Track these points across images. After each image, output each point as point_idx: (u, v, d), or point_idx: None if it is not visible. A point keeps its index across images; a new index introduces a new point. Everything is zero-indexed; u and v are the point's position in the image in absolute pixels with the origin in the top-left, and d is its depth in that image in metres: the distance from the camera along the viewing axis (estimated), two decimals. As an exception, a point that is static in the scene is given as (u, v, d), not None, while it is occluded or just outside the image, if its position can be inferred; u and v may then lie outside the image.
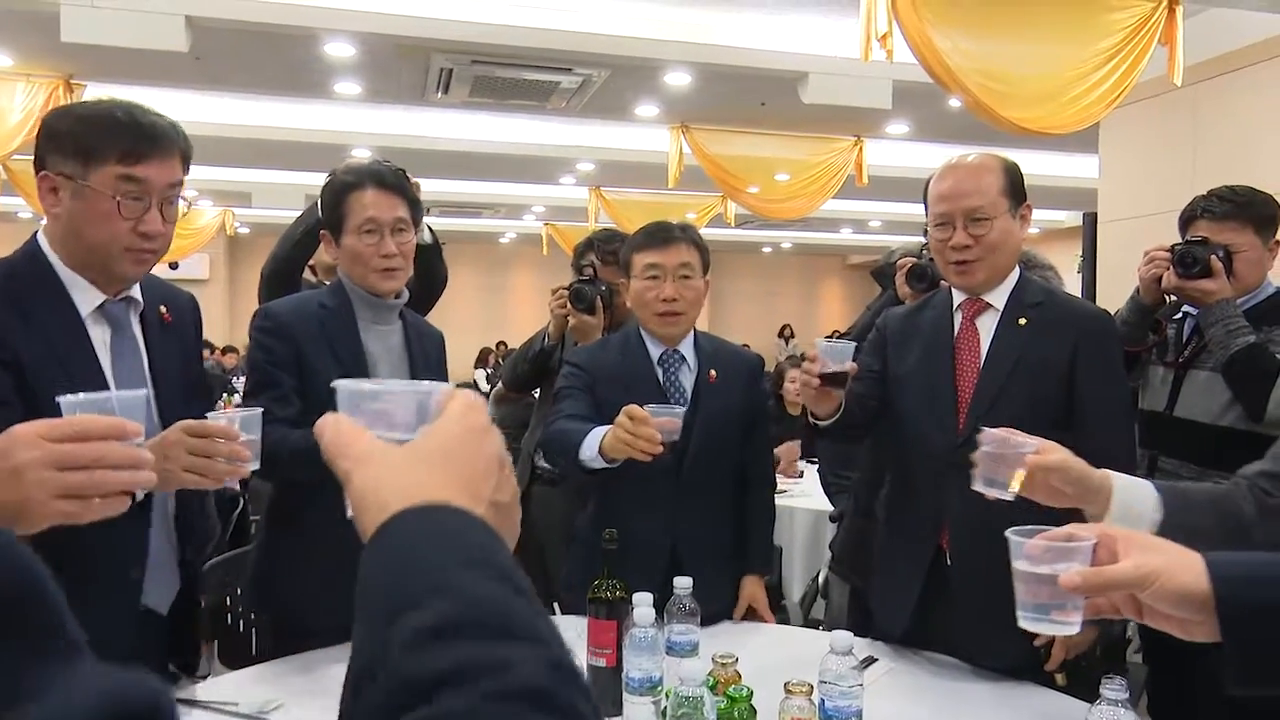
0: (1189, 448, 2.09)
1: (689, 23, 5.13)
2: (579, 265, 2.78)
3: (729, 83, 5.69)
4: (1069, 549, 0.91)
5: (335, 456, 0.56)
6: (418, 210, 1.93)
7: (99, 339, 1.45)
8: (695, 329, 2.06)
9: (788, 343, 15.31)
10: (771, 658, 1.66)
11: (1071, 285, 3.34)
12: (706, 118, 6.68)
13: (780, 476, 3.94)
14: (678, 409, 1.71)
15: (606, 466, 1.71)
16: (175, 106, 6.96)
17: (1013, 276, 1.82)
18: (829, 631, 2.16)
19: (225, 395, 6.01)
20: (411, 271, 1.91)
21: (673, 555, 1.88)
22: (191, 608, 1.65)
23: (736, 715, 1.32)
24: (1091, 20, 3.99)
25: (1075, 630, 0.96)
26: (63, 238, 1.43)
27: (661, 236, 2.00)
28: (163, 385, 1.51)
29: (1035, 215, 1.88)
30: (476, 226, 13.07)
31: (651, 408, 1.65)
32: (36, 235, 1.47)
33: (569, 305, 2.62)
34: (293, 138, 7.09)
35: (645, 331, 2.02)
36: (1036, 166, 7.09)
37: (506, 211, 11.78)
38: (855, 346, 1.74)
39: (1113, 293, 4.72)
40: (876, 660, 1.76)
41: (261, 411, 1.42)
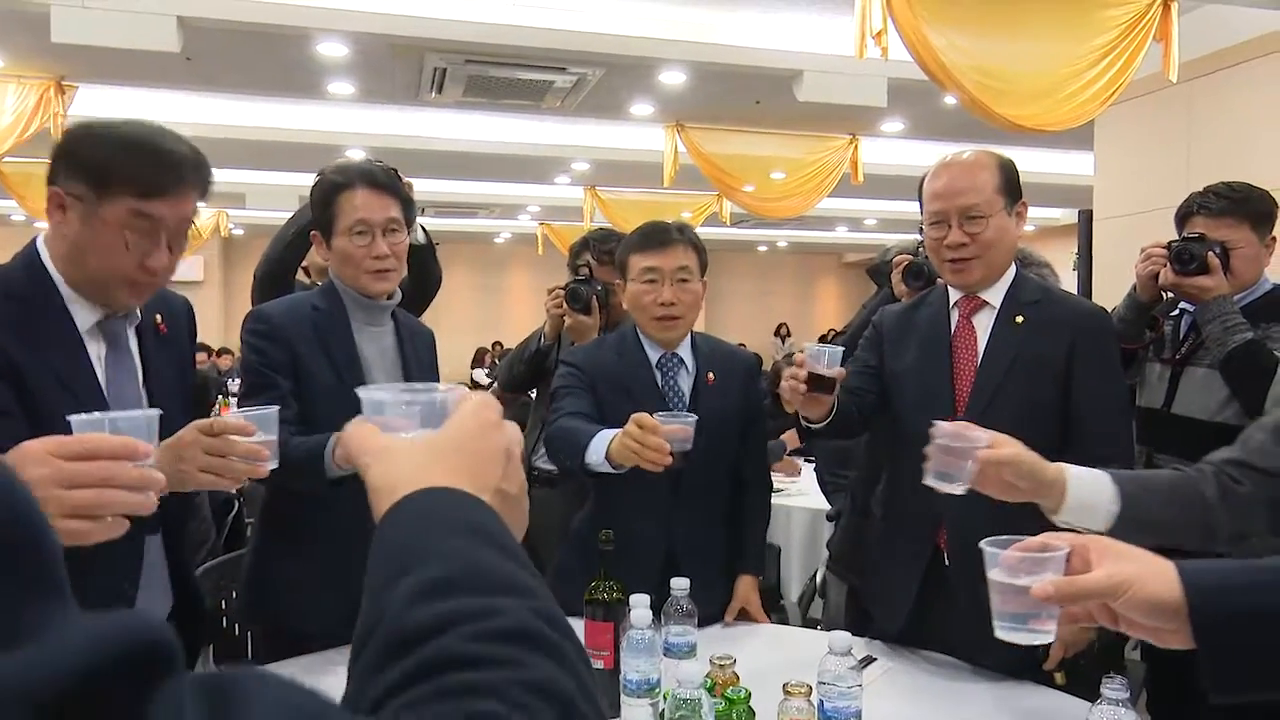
0: (1186, 445, 2.09)
1: (683, 21, 5.13)
2: (575, 265, 2.78)
3: (724, 81, 5.68)
4: (1043, 559, 0.92)
5: (356, 454, 0.61)
6: (410, 210, 1.91)
7: (94, 353, 1.42)
8: (692, 330, 2.04)
9: (784, 341, 15.31)
10: (770, 658, 1.66)
11: (1067, 283, 3.34)
12: (701, 116, 6.67)
13: (779, 475, 3.94)
14: (689, 417, 1.66)
15: (612, 471, 1.67)
16: (167, 107, 6.96)
17: (1009, 274, 1.81)
18: (827, 631, 2.16)
19: (221, 398, 5.99)
20: (405, 272, 1.90)
21: (670, 556, 1.87)
22: (191, 616, 1.62)
23: (735, 717, 1.32)
24: (1086, 17, 3.99)
25: (1050, 639, 0.96)
26: (65, 256, 1.39)
27: (659, 239, 1.96)
28: (157, 398, 1.49)
29: (1030, 213, 1.87)
30: (471, 227, 13.05)
31: (661, 416, 1.61)
32: (36, 244, 1.42)
33: (565, 305, 2.62)
34: (286, 138, 7.06)
35: (642, 334, 1.99)
36: (1031, 164, 7.08)
37: (501, 211, 11.76)
38: (844, 352, 1.71)
39: (1108, 290, 4.72)
40: (875, 660, 1.75)
41: (277, 409, 1.40)
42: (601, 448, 1.66)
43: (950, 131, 6.37)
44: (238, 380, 3.20)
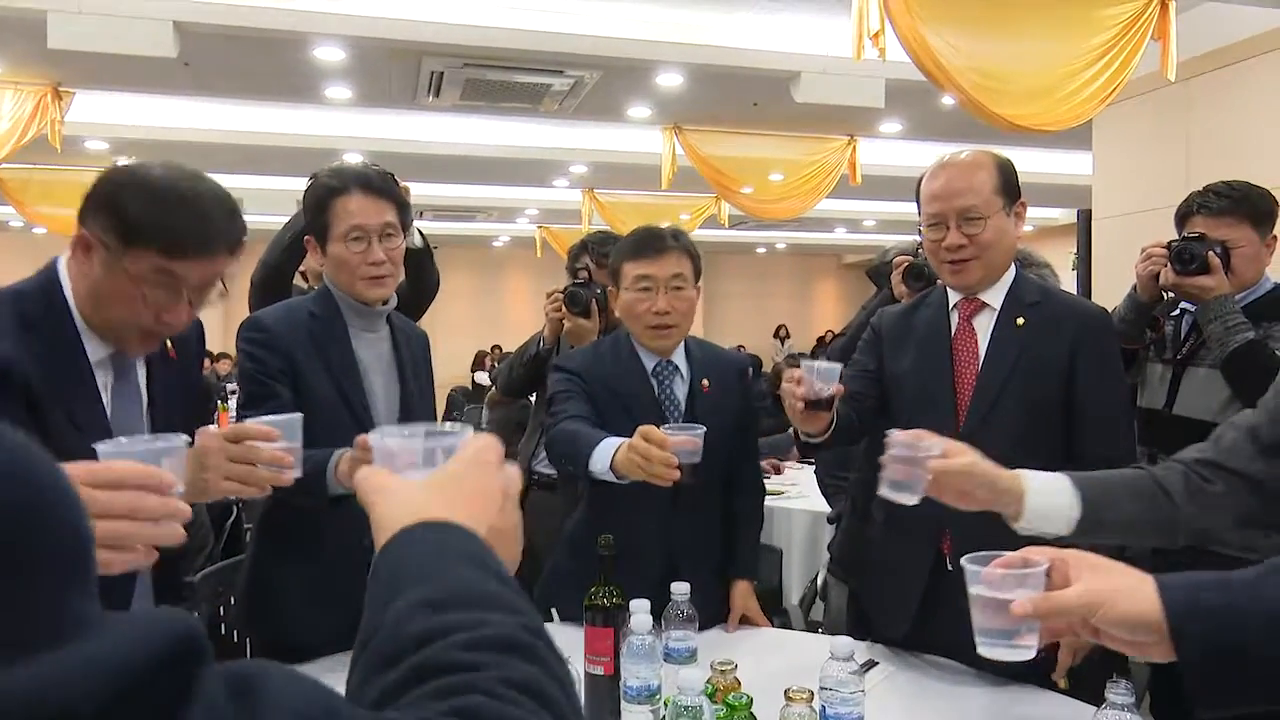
0: (1188, 445, 2.08)
1: (680, 23, 5.12)
2: (574, 268, 2.77)
3: (721, 83, 5.68)
4: (1023, 575, 0.92)
5: (363, 494, 0.65)
6: (406, 213, 1.88)
7: (102, 383, 1.40)
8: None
9: (783, 343, 15.31)
10: (771, 664, 1.64)
11: (1066, 283, 3.33)
12: (699, 118, 6.67)
13: (780, 477, 3.93)
14: (697, 429, 1.59)
15: (617, 482, 1.63)
16: (164, 113, 6.94)
17: (1009, 275, 1.80)
18: (828, 634, 2.14)
19: (220, 403, 5.96)
20: (401, 276, 1.88)
21: (669, 561, 1.86)
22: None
23: (736, 723, 1.30)
24: (1084, 16, 3.99)
25: (1032, 655, 0.96)
26: (85, 295, 1.35)
27: (653, 246, 1.92)
28: (160, 428, 1.45)
29: (1029, 213, 1.86)
30: (470, 230, 13.05)
31: (669, 428, 1.57)
32: (57, 268, 1.38)
33: (564, 309, 2.61)
34: (284, 143, 7.06)
35: (636, 342, 1.96)
36: (1030, 164, 7.08)
37: (500, 215, 11.76)
38: (844, 350, 1.70)
39: (1108, 289, 4.71)
40: (877, 664, 1.74)
41: (301, 416, 1.38)
42: (606, 457, 1.62)
43: (948, 132, 6.36)
44: (235, 384, 3.19)
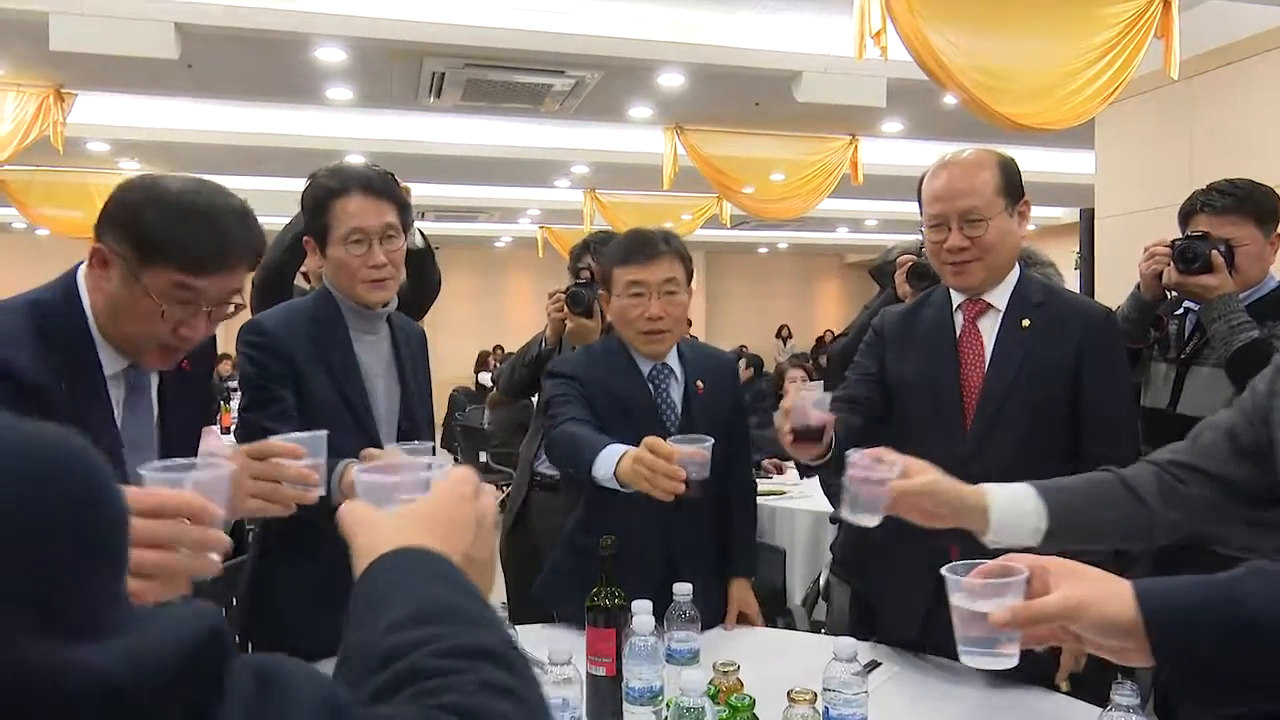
0: None
1: (681, 23, 5.11)
2: (575, 268, 2.76)
3: (722, 83, 5.67)
4: (1003, 584, 0.93)
5: (345, 527, 0.70)
6: (407, 214, 1.86)
7: (115, 397, 1.39)
8: None
9: (785, 343, 15.30)
10: (773, 665, 1.64)
11: (1069, 282, 3.32)
12: (700, 118, 6.66)
13: (782, 478, 3.92)
14: (705, 441, 1.55)
15: (620, 490, 1.60)
16: (166, 114, 6.95)
17: (1013, 275, 1.78)
18: (831, 634, 2.13)
19: (223, 404, 5.97)
20: (403, 277, 1.87)
21: (670, 561, 1.85)
22: None
23: (739, 725, 1.30)
24: (1087, 15, 3.98)
25: (1014, 663, 0.96)
26: (103, 310, 1.34)
27: (645, 251, 1.90)
28: (171, 441, 1.46)
29: (1032, 212, 1.85)
30: (471, 231, 13.05)
31: (677, 439, 1.54)
32: (76, 278, 1.36)
33: (566, 308, 2.60)
34: (285, 144, 7.06)
35: (631, 346, 1.95)
36: (1032, 163, 7.05)
37: (501, 215, 11.75)
38: (830, 396, 1.59)
39: (1111, 288, 4.70)
40: (880, 664, 1.73)
41: (326, 433, 1.37)
42: (610, 464, 1.59)
43: (950, 131, 6.35)
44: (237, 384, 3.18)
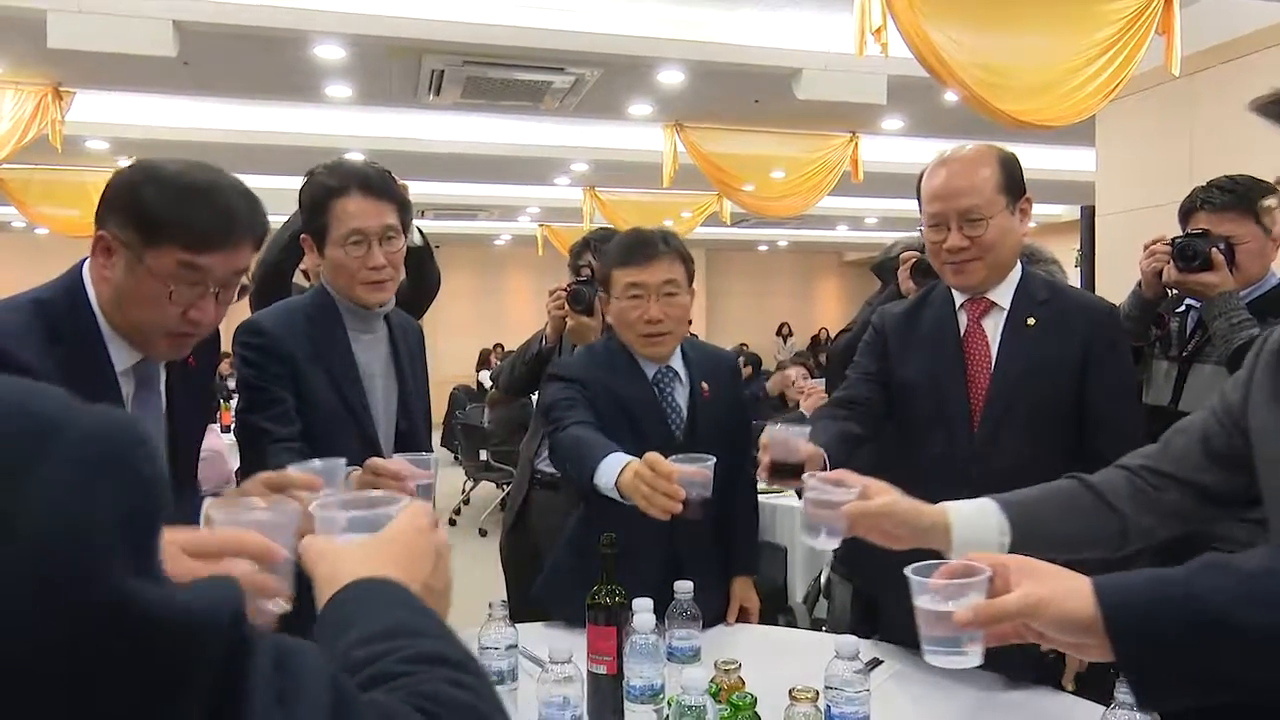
0: None
1: (681, 20, 5.11)
2: (576, 266, 2.75)
3: (723, 80, 5.66)
4: (966, 584, 0.94)
5: (307, 560, 0.72)
6: (407, 212, 1.84)
7: (125, 392, 1.38)
8: None
9: (785, 341, 15.30)
10: (775, 663, 1.63)
11: (1071, 280, 3.31)
12: (700, 116, 6.65)
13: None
14: (708, 460, 1.51)
15: (620, 501, 1.57)
16: (164, 112, 6.93)
17: (1016, 272, 1.76)
18: (832, 632, 2.13)
19: (223, 402, 5.96)
20: (402, 277, 1.85)
21: (671, 560, 1.84)
22: None
23: (741, 723, 1.29)
24: (1088, 11, 3.97)
25: (978, 662, 0.97)
26: (109, 301, 1.32)
27: (644, 253, 1.86)
28: (179, 437, 1.46)
29: (1032, 210, 1.83)
30: (471, 229, 13.04)
31: (680, 458, 1.50)
32: (82, 274, 1.34)
33: (566, 307, 2.59)
34: (284, 142, 7.05)
35: (633, 349, 1.91)
36: (1033, 160, 7.04)
37: (501, 213, 11.74)
38: (809, 429, 1.55)
39: (1112, 285, 4.69)
40: (882, 662, 1.72)
41: (344, 462, 1.37)
42: (612, 473, 1.56)
43: (951, 128, 6.34)
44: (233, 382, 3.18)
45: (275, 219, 2.40)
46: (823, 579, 3.10)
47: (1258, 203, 2.10)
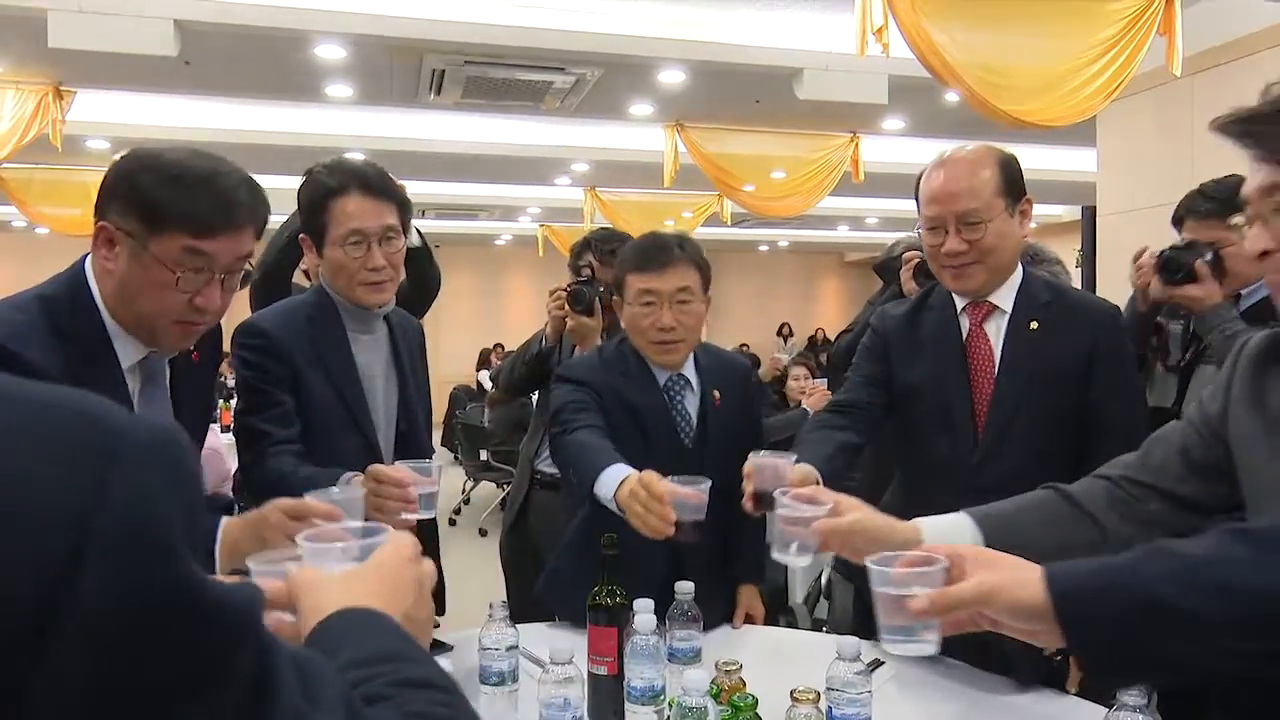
0: None
1: (682, 20, 5.10)
2: (576, 266, 2.74)
3: (723, 80, 5.66)
4: (923, 573, 0.97)
5: (294, 590, 0.73)
6: (407, 213, 1.83)
7: (131, 388, 1.37)
8: None
9: (786, 341, 15.30)
10: (776, 664, 1.63)
11: (1072, 280, 3.30)
12: (701, 116, 6.64)
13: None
14: (703, 483, 1.49)
15: (618, 513, 1.55)
16: (165, 112, 6.93)
17: (1017, 275, 1.74)
18: (833, 633, 2.12)
19: (223, 402, 5.96)
20: (402, 276, 1.85)
21: (673, 562, 1.83)
22: None
23: (742, 725, 1.29)
24: (1089, 11, 3.97)
25: (934, 650, 0.99)
26: (113, 294, 1.31)
27: (658, 259, 1.82)
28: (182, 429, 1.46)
29: (1033, 210, 1.81)
30: (472, 229, 13.04)
31: (675, 481, 1.47)
32: (84, 269, 1.33)
33: (567, 307, 2.59)
34: (285, 142, 7.04)
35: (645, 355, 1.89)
36: (1034, 160, 7.03)
37: (502, 213, 11.74)
38: (795, 457, 1.54)
39: (1113, 286, 4.68)
40: (883, 664, 1.72)
41: (364, 493, 1.37)
42: (611, 485, 1.55)
43: (952, 129, 6.34)
44: (232, 380, 3.16)
45: (276, 219, 2.40)
46: (824, 579, 3.09)
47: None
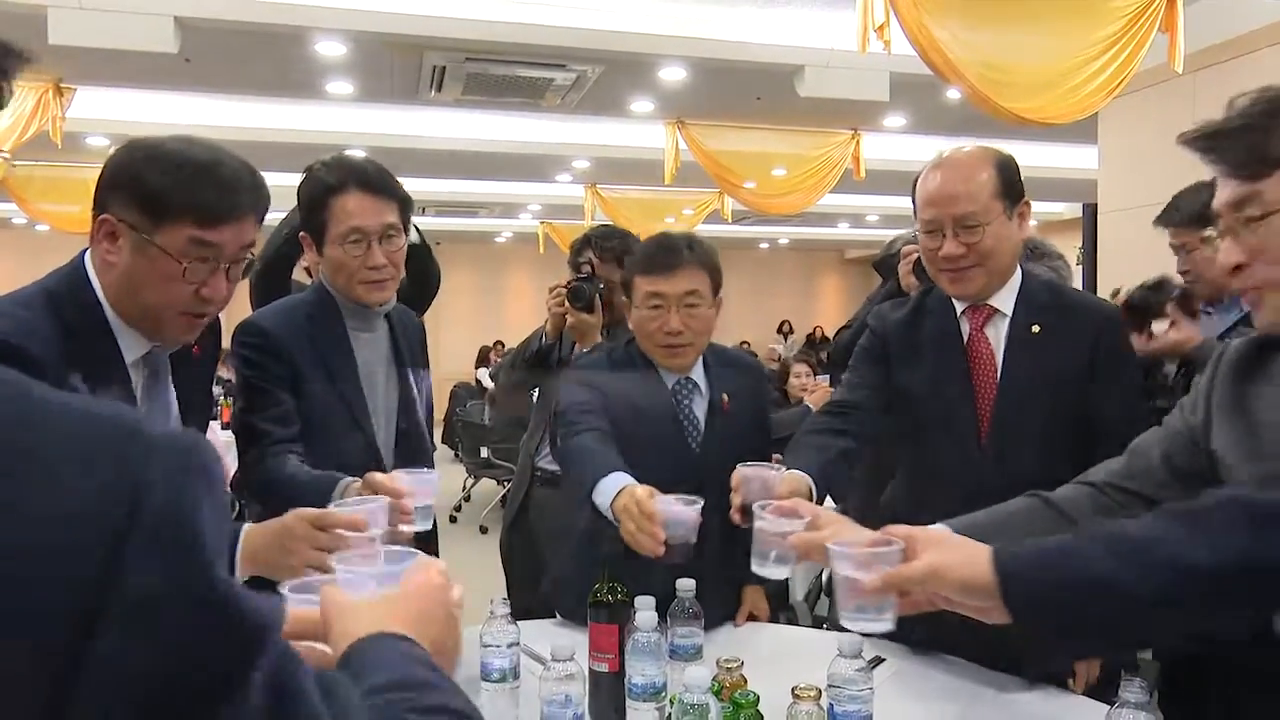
0: None
1: (683, 17, 5.10)
2: (576, 262, 2.74)
3: (725, 77, 5.65)
4: (879, 554, 1.02)
5: (325, 613, 0.75)
6: (408, 210, 1.81)
7: (135, 383, 1.36)
8: None
9: (786, 339, 15.30)
10: (777, 661, 1.63)
11: (1074, 277, 3.30)
12: (702, 113, 6.64)
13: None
14: (697, 502, 1.48)
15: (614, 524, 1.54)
16: (165, 109, 6.94)
17: (1016, 277, 1.72)
18: (834, 630, 2.11)
19: (223, 398, 5.95)
20: (403, 274, 1.84)
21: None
22: None
23: (743, 722, 1.29)
24: (1091, 8, 3.96)
25: (891, 627, 1.04)
26: (116, 287, 1.30)
27: (667, 262, 1.79)
28: (185, 424, 1.45)
29: (1034, 207, 1.78)
30: (472, 226, 13.03)
31: (672, 499, 1.47)
32: (84, 265, 1.31)
33: (567, 303, 2.58)
34: (285, 139, 7.03)
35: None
36: (1035, 158, 7.05)
37: (502, 210, 11.74)
38: (784, 472, 1.55)
39: (1114, 284, 4.68)
40: (884, 660, 1.72)
41: (387, 501, 1.36)
42: (609, 494, 1.53)
43: (953, 126, 6.34)
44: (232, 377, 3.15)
45: (276, 216, 2.39)
46: (824, 577, 3.09)
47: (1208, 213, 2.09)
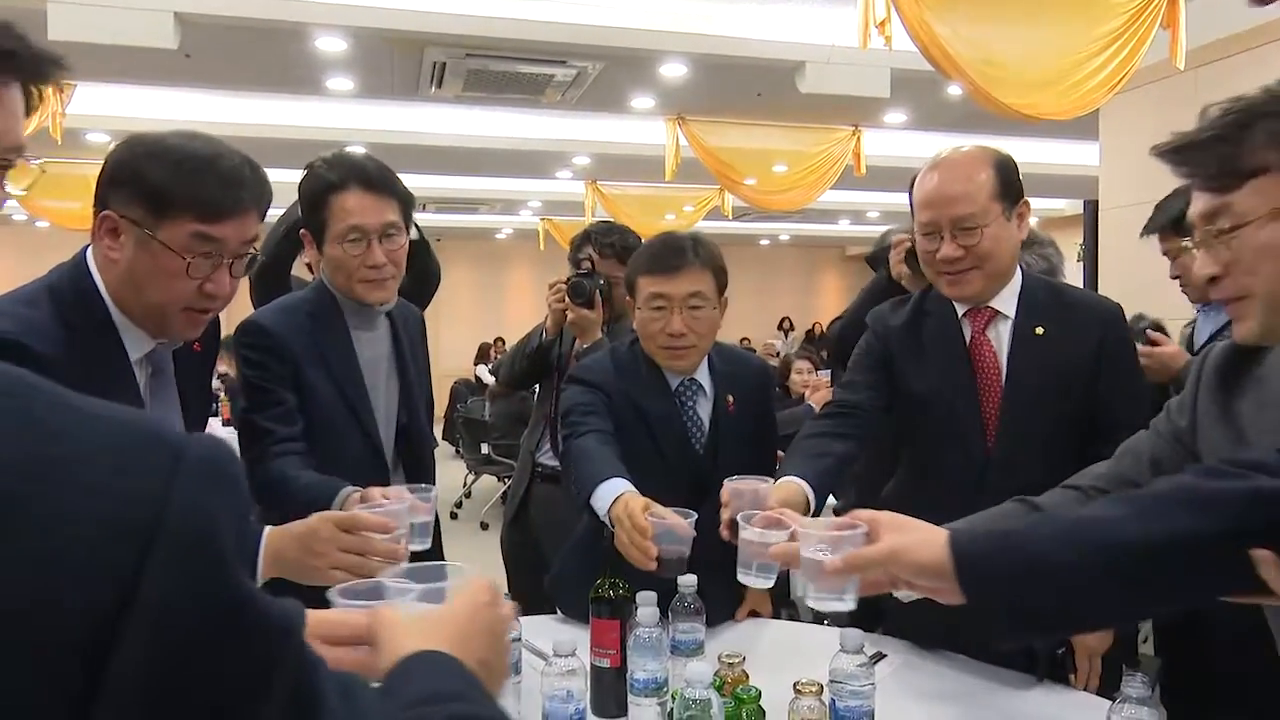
0: None
1: (684, 13, 5.09)
2: (576, 259, 2.73)
3: (725, 73, 5.65)
4: (842, 537, 1.06)
5: (374, 628, 0.77)
6: (409, 208, 1.79)
7: (140, 381, 1.36)
8: None
9: (787, 335, 15.30)
10: (779, 656, 1.63)
11: (1073, 274, 3.30)
12: (703, 109, 6.64)
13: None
14: (691, 515, 1.48)
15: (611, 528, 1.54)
16: (165, 105, 6.93)
17: (1016, 278, 1.72)
18: (835, 626, 2.12)
19: (223, 397, 5.96)
20: (404, 272, 1.84)
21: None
22: None
23: (745, 716, 1.29)
24: (1093, 4, 3.95)
25: (851, 607, 1.08)
26: (118, 284, 1.29)
27: (669, 263, 1.76)
28: (189, 421, 1.46)
29: (1035, 204, 1.78)
30: (472, 222, 13.03)
31: (668, 513, 1.46)
32: (86, 262, 1.31)
33: (567, 299, 2.58)
34: (285, 135, 7.03)
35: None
36: (1036, 154, 7.05)
37: (502, 207, 11.73)
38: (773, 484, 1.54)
39: (1114, 280, 4.68)
40: (885, 656, 1.72)
41: (409, 504, 1.37)
42: (607, 500, 1.53)
43: (954, 123, 6.34)
44: (231, 373, 3.16)
45: (277, 212, 2.39)
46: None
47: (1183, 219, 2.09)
